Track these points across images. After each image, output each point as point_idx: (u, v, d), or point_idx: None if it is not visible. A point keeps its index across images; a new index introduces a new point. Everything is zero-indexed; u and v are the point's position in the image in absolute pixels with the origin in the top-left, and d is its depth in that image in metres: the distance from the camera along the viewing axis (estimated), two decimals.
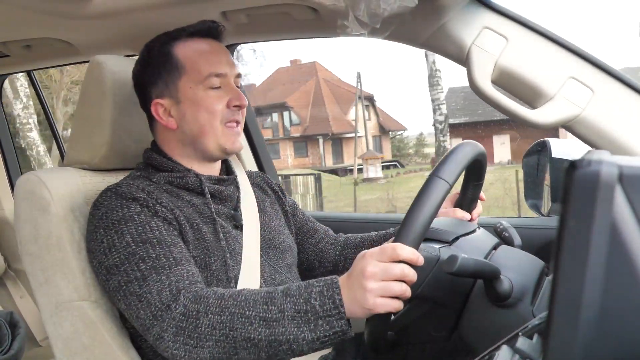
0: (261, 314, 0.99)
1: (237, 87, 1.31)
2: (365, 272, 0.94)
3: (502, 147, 22.84)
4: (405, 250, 0.93)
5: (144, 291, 1.07)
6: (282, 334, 0.97)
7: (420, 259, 0.94)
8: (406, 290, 0.94)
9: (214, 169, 1.36)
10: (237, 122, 1.29)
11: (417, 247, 0.95)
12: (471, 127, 23.11)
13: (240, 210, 1.34)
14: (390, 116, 33.93)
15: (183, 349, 1.02)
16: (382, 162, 23.90)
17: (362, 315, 0.96)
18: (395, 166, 28.17)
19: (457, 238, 1.11)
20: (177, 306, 1.04)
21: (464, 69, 1.20)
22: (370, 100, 31.61)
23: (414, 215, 0.95)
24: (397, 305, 0.94)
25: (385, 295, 0.94)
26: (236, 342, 0.99)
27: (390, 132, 33.16)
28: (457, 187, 1.39)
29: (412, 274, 0.94)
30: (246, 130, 2.03)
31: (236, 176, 1.39)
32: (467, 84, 1.22)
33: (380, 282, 0.93)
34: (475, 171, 1.25)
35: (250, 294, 1.03)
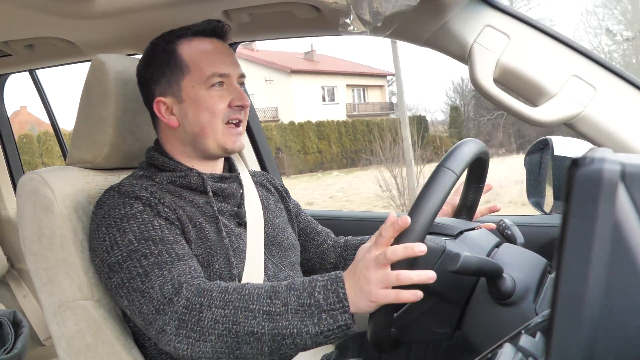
0: (265, 308, 0.99)
1: (241, 86, 1.31)
2: (367, 262, 0.96)
3: None
4: (388, 229, 0.95)
5: (147, 286, 1.08)
6: (286, 327, 0.97)
7: (402, 220, 0.94)
8: (412, 276, 0.93)
9: (216, 168, 1.36)
10: (239, 121, 1.29)
11: (425, 232, 0.95)
12: None
13: (244, 208, 1.34)
14: None
15: (185, 342, 1.02)
16: None
17: (367, 308, 0.96)
18: None
19: (461, 232, 1.11)
20: (180, 299, 1.04)
21: None
22: None
23: (421, 203, 0.96)
24: (409, 295, 0.94)
25: (390, 285, 0.94)
26: (239, 336, 0.99)
27: None
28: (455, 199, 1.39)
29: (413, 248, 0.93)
30: (249, 131, 2.03)
31: (239, 174, 1.39)
32: None
33: (383, 270, 0.94)
34: (477, 172, 1.25)
35: (254, 288, 1.03)
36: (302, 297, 0.98)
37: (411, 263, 0.96)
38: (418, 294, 0.94)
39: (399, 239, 0.96)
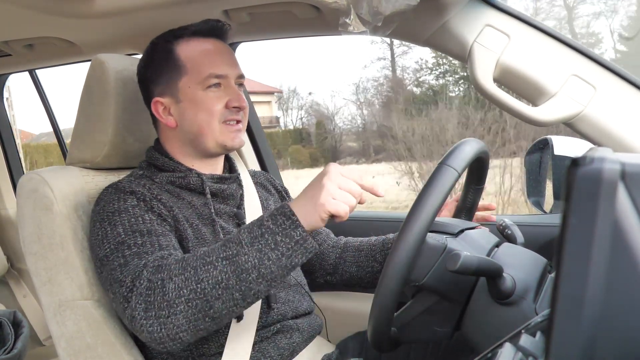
0: (222, 255, 0.99)
1: (240, 87, 1.31)
2: (323, 174, 1.00)
3: None
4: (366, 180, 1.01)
5: (124, 276, 1.06)
6: (246, 262, 0.97)
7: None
8: (359, 196, 1.00)
9: (217, 168, 1.35)
10: (238, 122, 1.29)
11: (427, 229, 0.96)
12: None
13: (243, 209, 1.34)
14: None
15: (157, 323, 1.00)
16: None
17: (316, 218, 0.98)
18: None
19: (462, 231, 1.11)
20: (142, 281, 1.02)
21: None
22: None
23: (422, 200, 0.96)
24: (346, 209, 0.98)
25: (338, 196, 0.98)
26: (206, 293, 0.98)
27: None
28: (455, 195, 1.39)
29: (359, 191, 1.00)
30: (249, 131, 2.03)
31: (239, 174, 1.39)
32: None
33: (336, 184, 0.98)
34: (477, 173, 1.25)
35: (208, 247, 1.03)
36: (253, 231, 0.99)
37: (412, 259, 0.96)
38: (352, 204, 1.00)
39: (399, 235, 0.96)
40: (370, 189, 1.02)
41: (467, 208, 1.34)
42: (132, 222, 1.13)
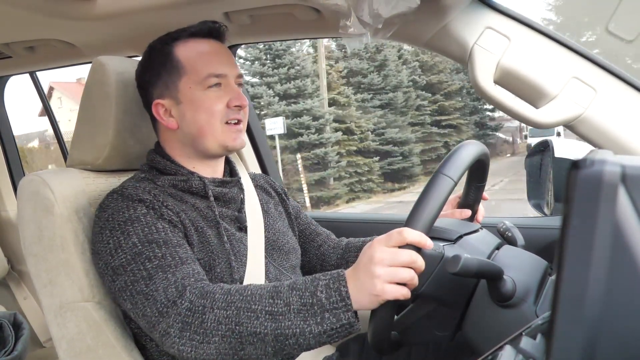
0: (267, 308, 0.99)
1: (239, 86, 1.31)
2: (373, 259, 0.94)
3: None
4: (413, 234, 0.93)
5: (150, 289, 1.07)
6: (289, 327, 0.97)
7: (428, 242, 0.93)
8: (414, 277, 0.93)
9: (217, 170, 1.35)
10: (239, 121, 1.29)
11: None
12: None
13: (244, 212, 1.34)
14: None
15: (189, 344, 1.02)
16: None
17: (369, 304, 0.95)
18: None
19: (460, 237, 1.11)
20: (183, 301, 1.04)
21: None
22: None
23: (419, 209, 0.95)
24: (405, 292, 0.93)
25: (394, 282, 0.93)
26: (242, 337, 0.99)
27: None
28: (458, 192, 1.39)
29: (420, 261, 0.93)
30: (249, 133, 2.03)
31: (240, 178, 1.39)
32: None
33: (389, 267, 0.93)
34: (478, 172, 1.25)
35: (257, 289, 1.03)
36: (305, 297, 0.98)
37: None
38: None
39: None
40: (418, 242, 0.94)
41: (468, 205, 1.34)
42: (147, 232, 1.14)
